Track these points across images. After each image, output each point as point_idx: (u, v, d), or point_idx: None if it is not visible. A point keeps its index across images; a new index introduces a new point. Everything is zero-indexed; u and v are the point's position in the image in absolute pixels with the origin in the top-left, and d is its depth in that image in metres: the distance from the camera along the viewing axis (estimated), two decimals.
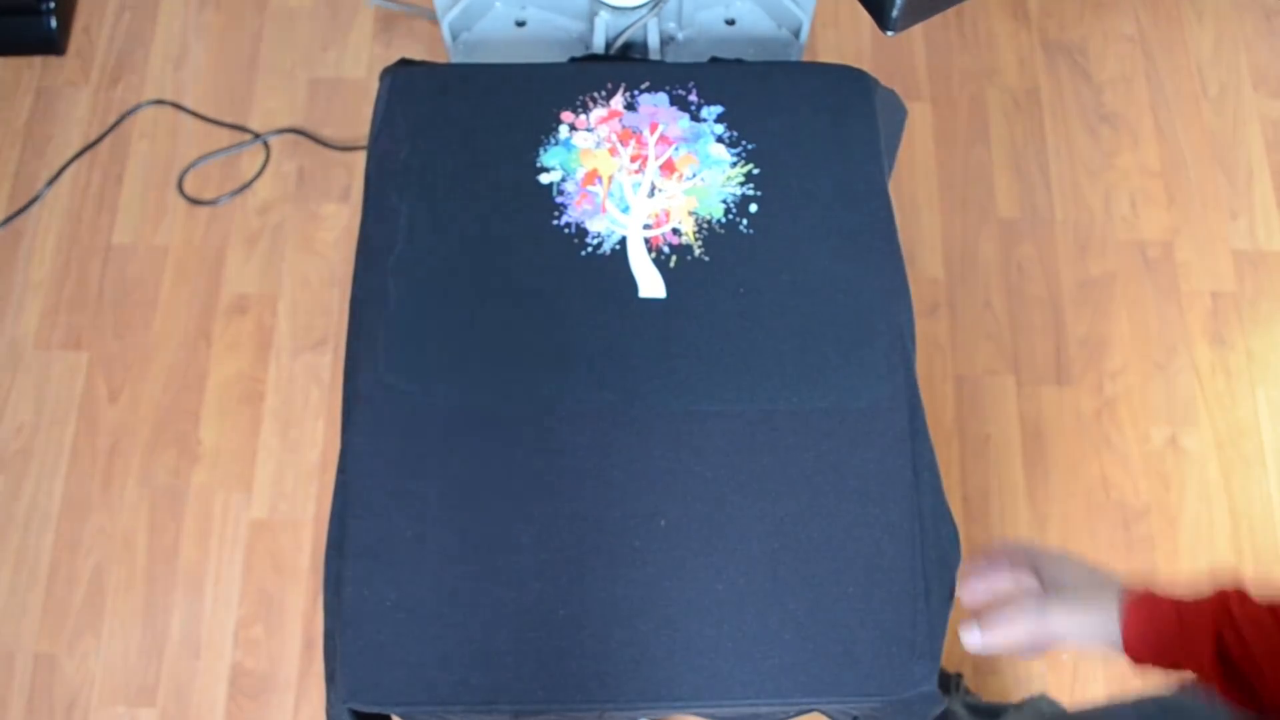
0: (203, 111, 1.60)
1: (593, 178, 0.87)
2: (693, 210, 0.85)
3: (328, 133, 1.58)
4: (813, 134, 0.88)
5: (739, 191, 0.86)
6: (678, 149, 0.88)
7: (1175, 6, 1.69)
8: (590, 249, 0.84)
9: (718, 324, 0.81)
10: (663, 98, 0.90)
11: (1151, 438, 1.42)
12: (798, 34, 1.09)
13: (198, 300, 1.48)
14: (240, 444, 1.41)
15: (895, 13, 0.83)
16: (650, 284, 0.82)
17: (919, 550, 0.74)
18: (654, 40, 1.06)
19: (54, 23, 1.60)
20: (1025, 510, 1.39)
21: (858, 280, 0.83)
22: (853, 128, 0.89)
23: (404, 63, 0.94)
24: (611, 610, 0.72)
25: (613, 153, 0.88)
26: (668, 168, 0.87)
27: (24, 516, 1.37)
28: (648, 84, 0.91)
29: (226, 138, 1.58)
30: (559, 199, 0.86)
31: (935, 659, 0.72)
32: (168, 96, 1.60)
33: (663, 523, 0.74)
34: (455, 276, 0.82)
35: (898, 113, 0.97)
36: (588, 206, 0.85)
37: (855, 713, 0.75)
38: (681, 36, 1.11)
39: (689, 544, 0.74)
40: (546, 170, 0.87)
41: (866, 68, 1.09)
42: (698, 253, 0.84)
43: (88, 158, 1.57)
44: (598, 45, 1.05)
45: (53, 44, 1.61)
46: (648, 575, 0.73)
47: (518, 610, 0.72)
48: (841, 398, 0.78)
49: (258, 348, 1.46)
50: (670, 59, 1.10)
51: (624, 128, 0.89)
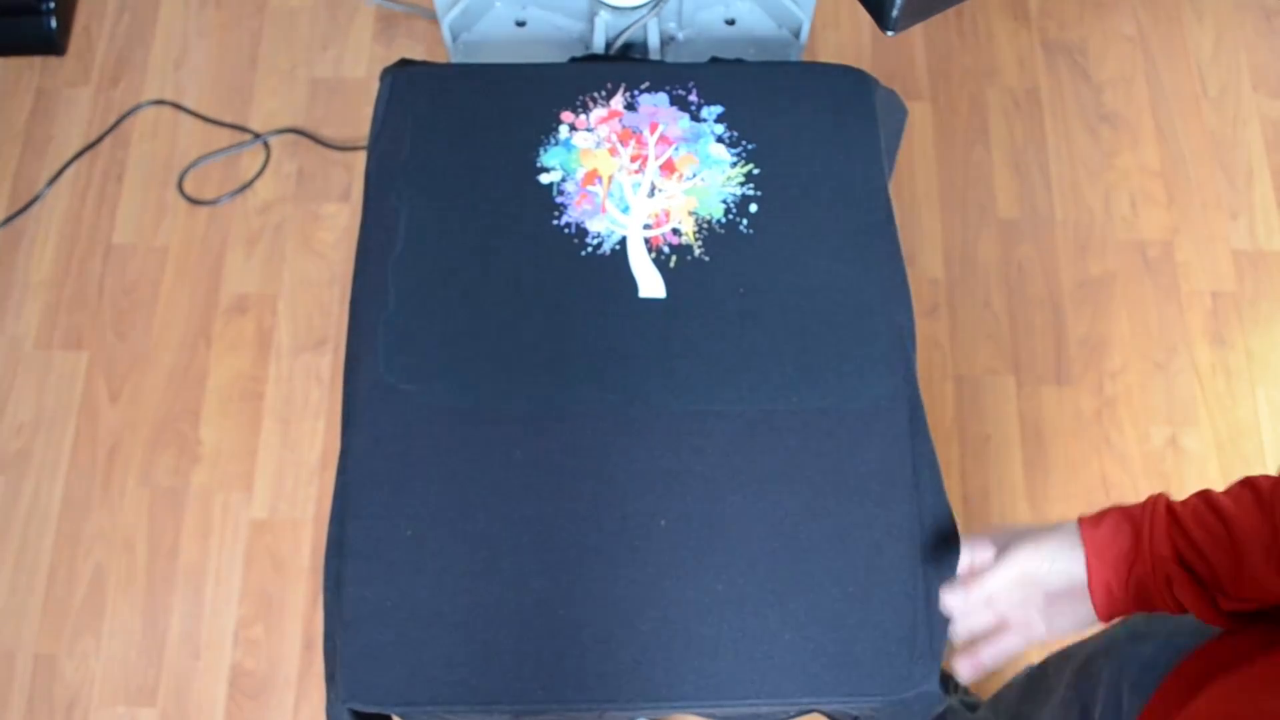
0: (203, 111, 1.60)
1: (593, 178, 0.87)
2: (693, 210, 0.85)
3: (328, 133, 1.58)
4: (813, 134, 0.88)
5: (739, 191, 0.86)
6: (678, 149, 0.88)
7: (1175, 6, 1.69)
8: (590, 249, 0.84)
9: (718, 324, 0.81)
10: (663, 98, 0.90)
11: (1151, 438, 1.42)
12: (798, 34, 1.09)
13: (198, 300, 1.48)
14: (240, 444, 1.41)
15: (895, 13, 0.83)
16: (650, 284, 0.82)
17: (919, 550, 0.74)
18: (654, 40, 1.06)
19: (54, 23, 1.60)
20: (1025, 510, 1.39)
21: (858, 280, 0.83)
22: (853, 128, 0.89)
23: (404, 63, 0.94)
24: (611, 610, 0.72)
25: (613, 153, 0.88)
26: (668, 168, 0.87)
27: (24, 516, 1.37)
28: (648, 84, 0.91)
29: (226, 138, 1.58)
30: (559, 199, 0.85)
31: (935, 659, 0.72)
32: (168, 96, 1.60)
33: (663, 523, 0.74)
34: (455, 276, 0.82)
35: (898, 113, 0.97)
36: (588, 206, 0.85)
37: (855, 713, 0.75)
38: (681, 36, 1.11)
39: (689, 544, 0.74)
40: (546, 170, 0.87)
41: (866, 68, 1.09)
42: (698, 253, 0.84)
43: (88, 158, 1.57)
44: (598, 45, 1.05)
45: (53, 44, 1.61)
46: (648, 575, 0.73)
47: (518, 610, 0.72)
48: (841, 398, 0.78)
49: (258, 348, 1.46)
50: (670, 59, 1.10)
51: (624, 128, 0.89)
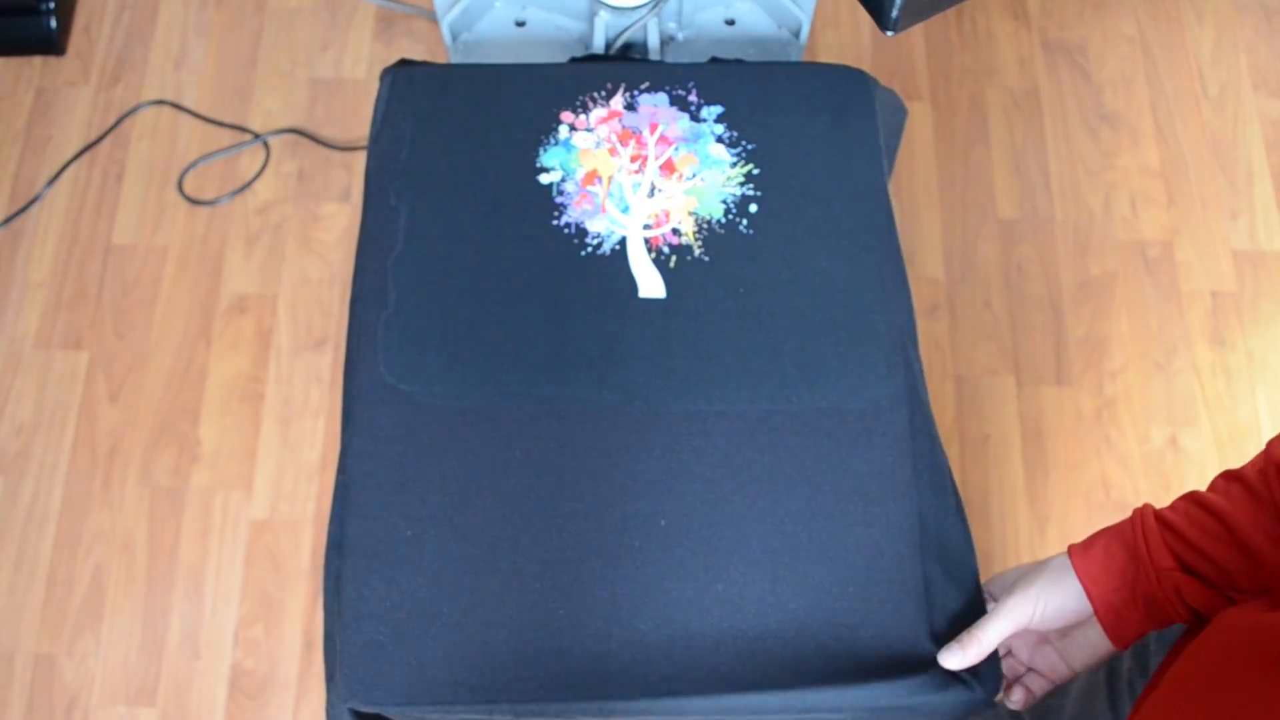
0: (203, 111, 1.60)
1: (593, 178, 0.87)
2: (693, 210, 0.85)
3: (328, 133, 1.58)
4: (813, 134, 0.88)
5: (739, 191, 0.86)
6: (678, 149, 0.88)
7: (1175, 6, 1.69)
8: (590, 249, 0.84)
9: (718, 324, 0.81)
10: (663, 98, 0.90)
11: (1151, 438, 1.42)
12: (798, 34, 1.09)
13: (198, 300, 1.48)
14: (240, 444, 1.41)
15: (895, 13, 0.83)
16: (650, 284, 0.82)
17: (920, 550, 0.74)
18: (654, 40, 1.06)
19: (54, 23, 1.60)
20: (1025, 510, 1.39)
21: (858, 280, 0.83)
22: (853, 128, 0.89)
23: (404, 63, 0.94)
24: (611, 610, 0.72)
25: (613, 153, 0.88)
26: (668, 168, 0.87)
27: (24, 517, 1.37)
28: (648, 84, 0.91)
29: (226, 138, 1.58)
30: (559, 199, 0.85)
31: (935, 660, 0.72)
32: (168, 96, 1.60)
33: (663, 522, 0.74)
34: (455, 276, 0.82)
35: (898, 113, 0.97)
36: (588, 206, 0.85)
37: (855, 713, 0.75)
38: (681, 36, 1.11)
39: (689, 544, 0.74)
40: (546, 170, 0.87)
41: (866, 68, 1.09)
42: (698, 253, 0.84)
43: (88, 158, 1.57)
44: (598, 45, 1.05)
45: (53, 44, 1.61)
46: (648, 575, 0.73)
47: (518, 610, 0.72)
48: (841, 398, 0.78)
49: (258, 347, 1.46)
50: (670, 59, 1.10)
51: (624, 128, 0.89)
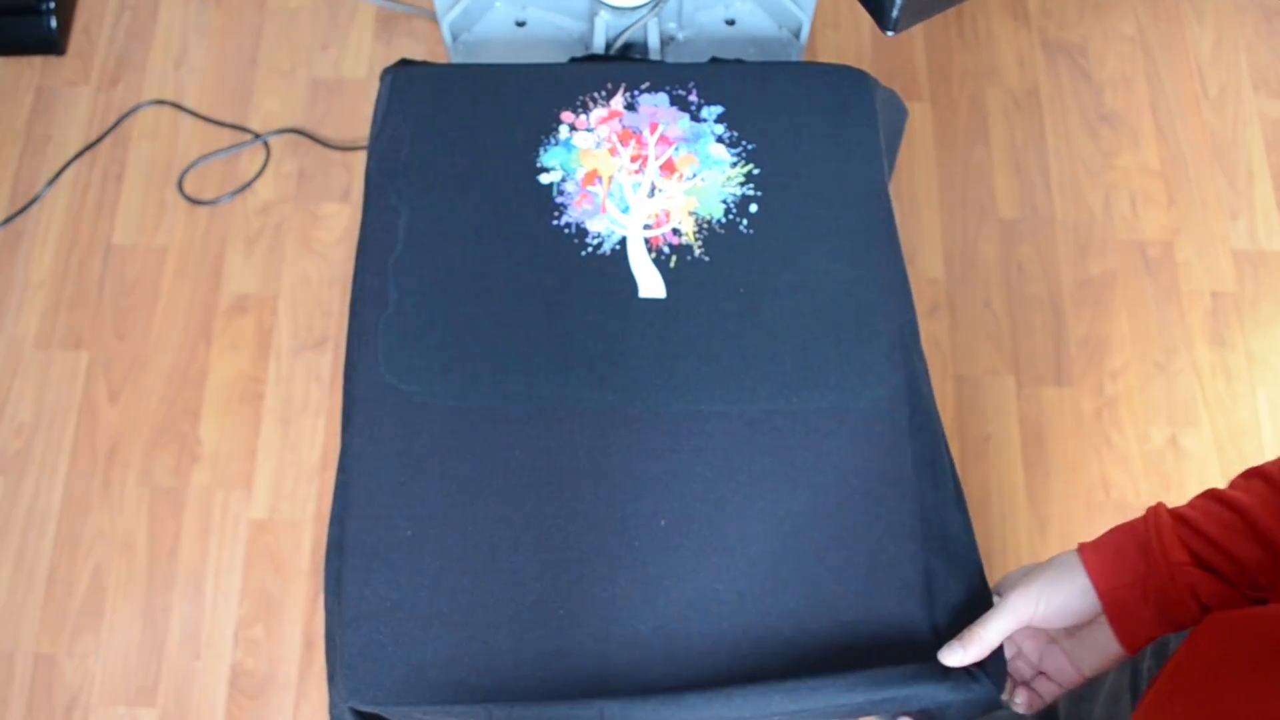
0: (203, 111, 1.60)
1: (593, 178, 0.87)
2: (693, 210, 0.85)
3: (328, 133, 1.58)
4: (813, 134, 0.88)
5: (739, 191, 0.86)
6: (678, 149, 0.88)
7: (1175, 6, 1.69)
8: (590, 249, 0.84)
9: (718, 324, 0.81)
10: (663, 98, 0.90)
11: (1151, 438, 1.42)
12: (798, 34, 1.09)
13: (198, 300, 1.48)
14: (240, 444, 1.41)
15: (895, 13, 0.83)
16: (650, 284, 0.82)
17: (921, 549, 0.74)
18: (654, 40, 1.06)
19: (54, 23, 1.60)
20: (1025, 510, 1.39)
21: (858, 280, 0.83)
22: (853, 128, 0.89)
23: (404, 63, 0.94)
24: (611, 610, 0.72)
25: (613, 153, 0.88)
26: (668, 168, 0.87)
27: (24, 516, 1.37)
28: (648, 84, 0.91)
29: (226, 138, 1.58)
30: (559, 199, 0.85)
31: (936, 660, 0.72)
32: (168, 96, 1.60)
33: (663, 523, 0.74)
34: (455, 276, 0.82)
35: (898, 113, 0.97)
36: (588, 206, 0.85)
37: (856, 713, 0.75)
38: (681, 36, 1.11)
39: (689, 544, 0.74)
40: (546, 170, 0.87)
41: (866, 68, 1.09)
42: (698, 253, 0.84)
43: (88, 158, 1.57)
44: (598, 45, 1.05)
45: (53, 44, 1.61)
46: (648, 575, 0.73)
47: (518, 610, 0.72)
48: (841, 398, 0.78)
49: (258, 347, 1.46)
50: (670, 59, 1.10)
51: (624, 128, 0.89)
